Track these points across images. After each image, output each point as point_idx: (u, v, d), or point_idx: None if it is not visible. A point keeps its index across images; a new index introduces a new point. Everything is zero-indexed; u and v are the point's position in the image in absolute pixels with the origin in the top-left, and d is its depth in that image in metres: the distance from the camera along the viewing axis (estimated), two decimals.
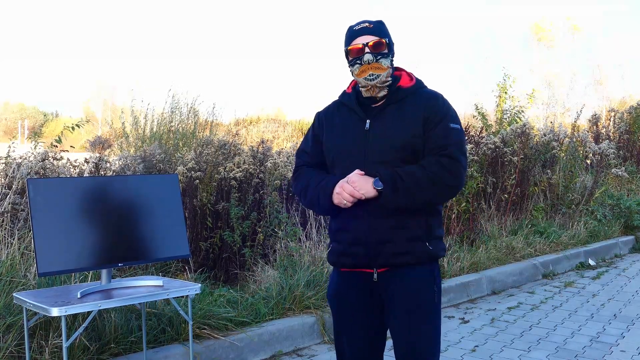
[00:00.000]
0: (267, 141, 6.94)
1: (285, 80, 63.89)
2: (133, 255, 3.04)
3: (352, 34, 2.27)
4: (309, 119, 21.84)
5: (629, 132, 12.34)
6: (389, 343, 2.48)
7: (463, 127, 2.33)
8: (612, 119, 13.09)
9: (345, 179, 2.20)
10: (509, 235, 7.00)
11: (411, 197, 2.16)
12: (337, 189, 2.21)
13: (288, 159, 5.94)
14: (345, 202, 2.20)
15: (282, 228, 5.39)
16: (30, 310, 2.82)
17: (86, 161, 5.09)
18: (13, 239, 3.89)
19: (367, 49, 2.22)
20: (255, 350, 3.95)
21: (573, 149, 9.17)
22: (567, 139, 9.05)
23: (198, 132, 9.38)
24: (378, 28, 2.26)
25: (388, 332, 2.37)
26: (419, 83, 2.34)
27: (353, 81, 2.37)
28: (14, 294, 2.94)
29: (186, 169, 5.46)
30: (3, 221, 4.15)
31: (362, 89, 2.28)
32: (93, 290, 2.93)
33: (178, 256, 3.26)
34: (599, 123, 12.93)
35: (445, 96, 2.31)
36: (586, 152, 9.55)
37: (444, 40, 61.83)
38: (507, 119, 9.90)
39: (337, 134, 2.32)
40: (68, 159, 5.05)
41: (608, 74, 28.85)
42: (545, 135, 8.49)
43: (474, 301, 5.55)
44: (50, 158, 4.79)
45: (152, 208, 3.13)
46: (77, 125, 5.50)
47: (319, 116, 2.43)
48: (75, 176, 4.87)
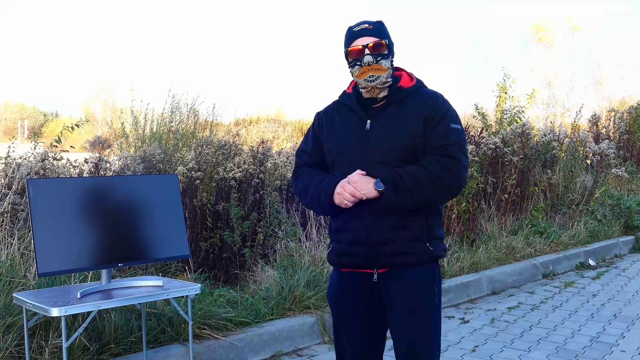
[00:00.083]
0: (267, 141, 6.94)
1: (285, 80, 63.85)
2: (133, 255, 3.04)
3: (352, 35, 2.25)
4: (309, 119, 21.85)
5: (629, 132, 12.35)
6: (389, 343, 2.48)
7: (463, 127, 2.32)
8: (612, 119, 13.11)
9: (346, 179, 2.20)
10: (509, 235, 7.00)
11: (412, 198, 2.15)
12: (338, 189, 2.20)
13: (288, 159, 5.94)
14: (346, 202, 2.19)
15: (282, 228, 5.39)
16: (30, 310, 2.82)
17: (86, 161, 5.10)
18: (13, 239, 3.89)
19: (367, 51, 2.21)
20: (255, 350, 3.95)
21: (573, 149, 9.17)
22: (567, 139, 9.04)
23: (198, 132, 9.38)
24: (378, 29, 2.25)
25: (388, 332, 2.37)
26: (420, 83, 2.33)
27: (353, 81, 2.36)
28: (14, 294, 2.94)
29: (186, 169, 5.46)
30: (3, 221, 4.15)
31: (363, 90, 2.27)
32: (93, 290, 2.93)
33: (178, 256, 3.26)
34: (599, 123, 12.95)
35: (445, 96, 2.31)
36: (586, 152, 9.56)
37: (443, 40, 61.83)
38: (507, 119, 9.88)
39: (338, 134, 2.31)
40: (68, 159, 5.05)
41: (608, 74, 28.84)
42: (545, 135, 8.50)
43: (474, 301, 5.55)
44: (50, 158, 4.80)
45: (152, 208, 3.13)
46: (77, 125, 5.50)
47: (319, 116, 2.42)
48: (75, 176, 4.87)
